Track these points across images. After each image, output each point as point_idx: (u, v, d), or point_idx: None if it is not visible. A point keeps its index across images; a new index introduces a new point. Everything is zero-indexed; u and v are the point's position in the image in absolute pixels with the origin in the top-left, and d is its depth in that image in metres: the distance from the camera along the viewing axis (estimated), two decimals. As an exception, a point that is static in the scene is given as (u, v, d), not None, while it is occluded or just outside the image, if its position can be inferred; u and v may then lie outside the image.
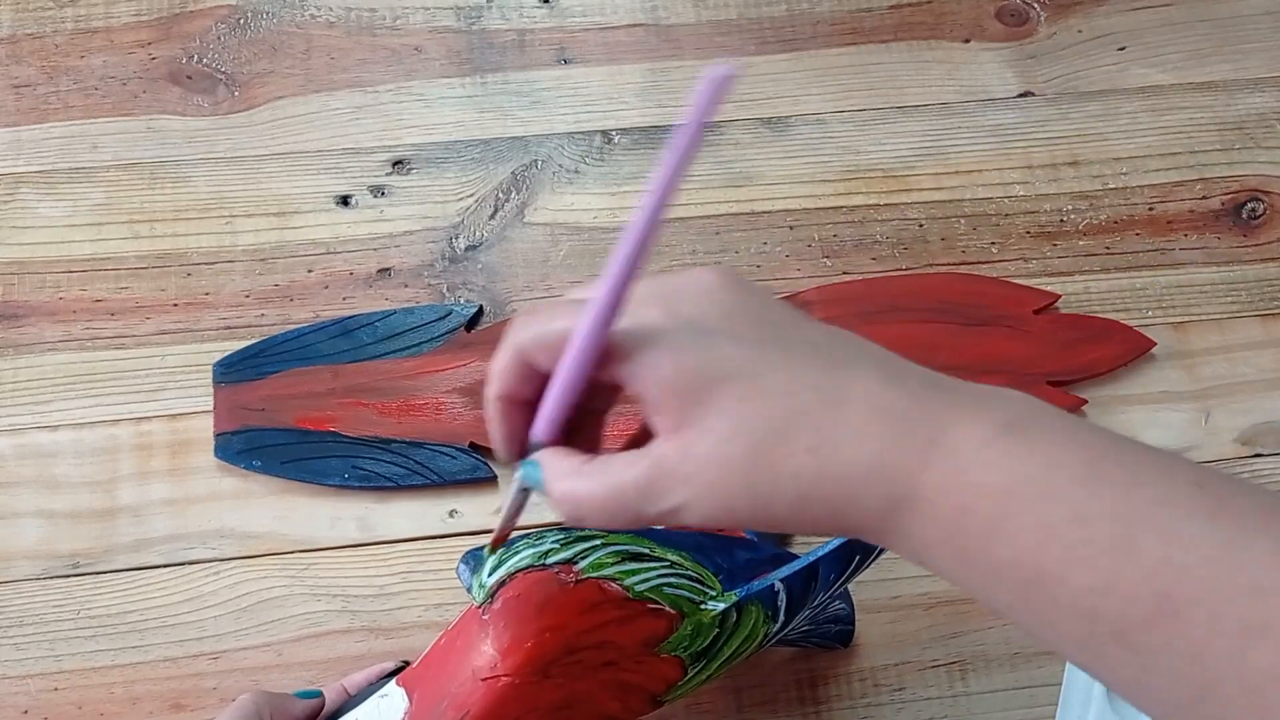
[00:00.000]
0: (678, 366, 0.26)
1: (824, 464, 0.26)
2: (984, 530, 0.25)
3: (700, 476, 0.26)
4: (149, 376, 0.51)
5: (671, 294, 0.28)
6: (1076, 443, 0.25)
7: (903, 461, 0.26)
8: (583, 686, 0.35)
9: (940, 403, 0.26)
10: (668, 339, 0.26)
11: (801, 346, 0.27)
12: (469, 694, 0.34)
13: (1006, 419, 0.26)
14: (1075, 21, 0.59)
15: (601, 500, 0.27)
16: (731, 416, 0.26)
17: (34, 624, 0.46)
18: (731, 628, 0.37)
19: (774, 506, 0.26)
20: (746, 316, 0.28)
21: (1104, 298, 0.53)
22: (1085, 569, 0.24)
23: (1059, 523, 0.24)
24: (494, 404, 0.29)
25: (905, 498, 0.26)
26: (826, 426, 0.26)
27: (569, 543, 0.36)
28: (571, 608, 0.34)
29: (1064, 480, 0.24)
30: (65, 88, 0.57)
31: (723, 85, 0.24)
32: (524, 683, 0.34)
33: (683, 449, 0.26)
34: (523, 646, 0.34)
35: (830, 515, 0.26)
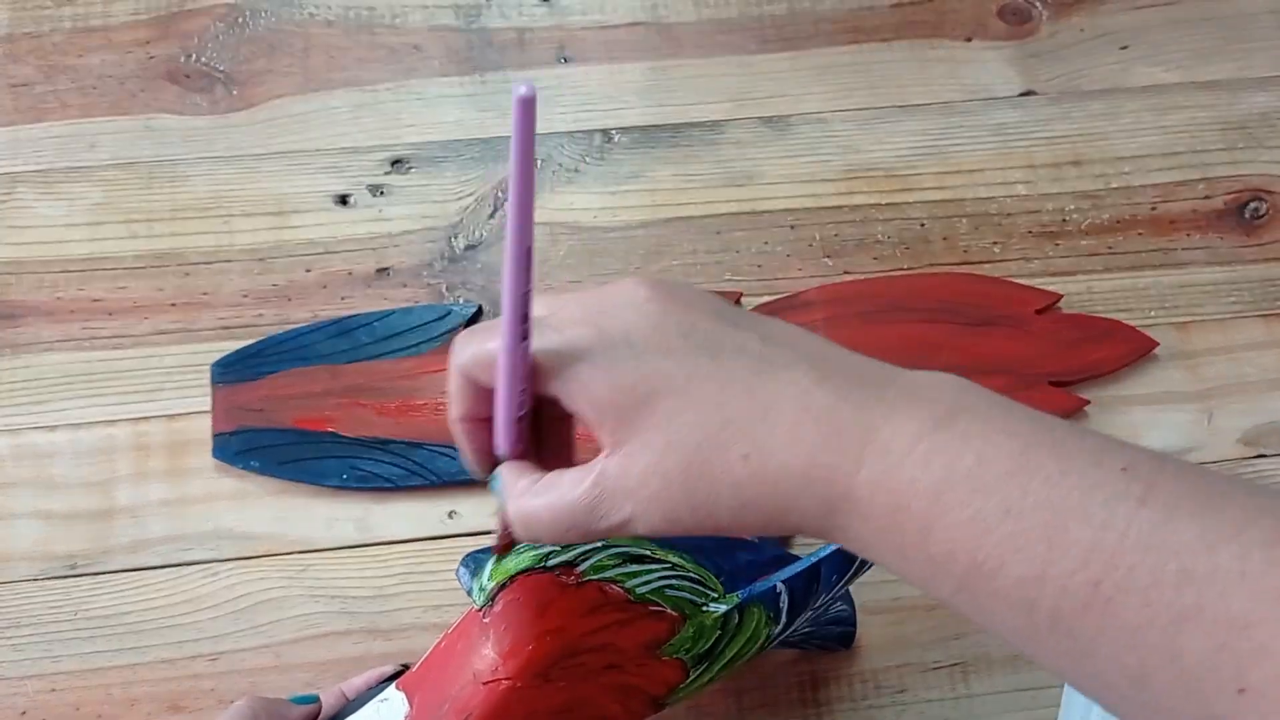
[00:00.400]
0: (610, 384, 0.27)
1: (759, 470, 0.26)
2: (919, 527, 0.25)
3: (642, 490, 0.27)
4: (147, 377, 0.50)
5: (601, 310, 0.28)
6: (1007, 433, 0.25)
7: (836, 463, 0.26)
8: (584, 690, 0.35)
9: (871, 400, 0.26)
10: (598, 357, 0.27)
11: (731, 353, 0.27)
12: (470, 697, 0.34)
13: (937, 413, 0.26)
14: (1078, 20, 0.59)
15: (550, 518, 0.28)
16: (665, 430, 0.27)
17: (31, 625, 0.46)
18: (733, 630, 0.37)
19: (716, 514, 0.27)
20: (676, 327, 0.28)
21: (1106, 298, 0.53)
22: (1019, 560, 0.24)
23: (991, 516, 0.24)
24: (457, 425, 0.30)
25: (841, 498, 0.26)
26: (759, 433, 0.26)
27: (569, 545, 0.36)
28: (573, 611, 0.34)
29: (994, 473, 0.25)
30: (63, 87, 0.57)
31: (529, 106, 0.24)
32: (525, 686, 0.34)
33: (623, 464, 0.27)
34: (524, 650, 0.34)
35: (771, 519, 0.27)
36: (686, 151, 0.56)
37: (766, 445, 0.26)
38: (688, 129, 0.56)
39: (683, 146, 0.56)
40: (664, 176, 0.55)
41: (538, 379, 0.28)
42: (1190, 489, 0.24)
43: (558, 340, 0.28)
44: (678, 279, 0.28)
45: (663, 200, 0.55)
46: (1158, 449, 0.48)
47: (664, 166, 0.55)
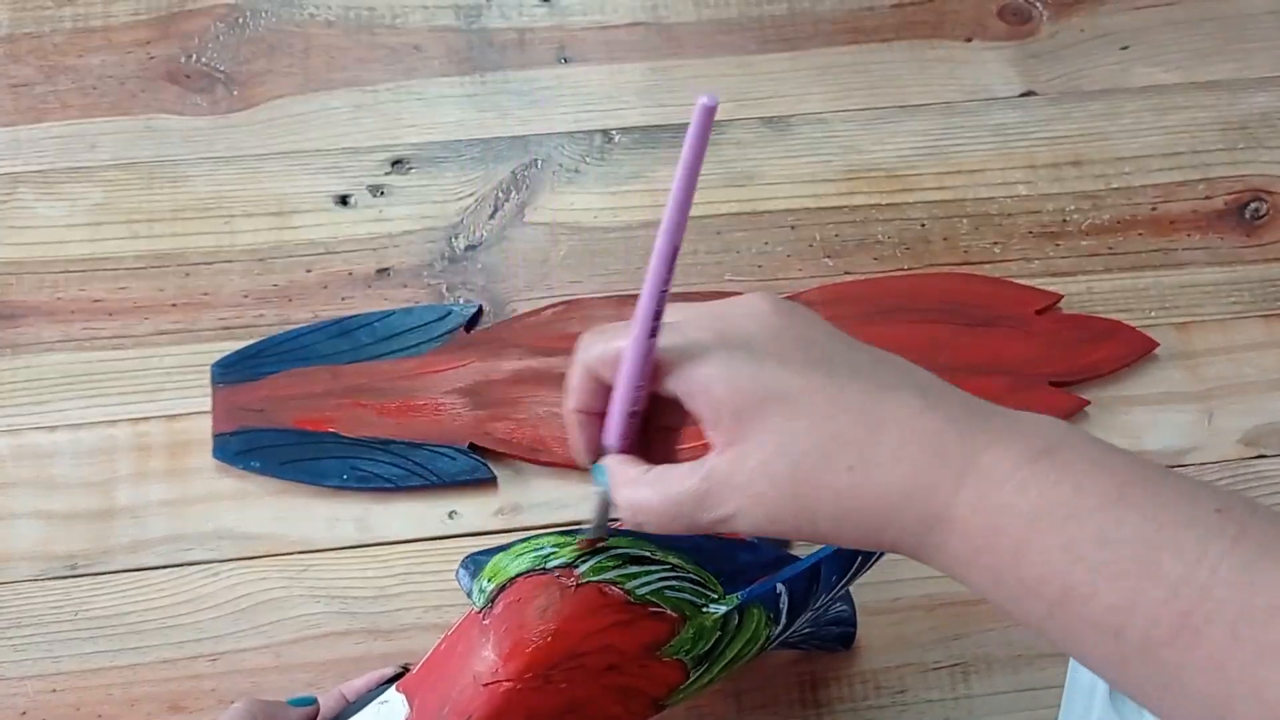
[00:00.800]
0: (730, 386, 0.28)
1: (862, 483, 0.28)
2: (1014, 549, 0.26)
3: (749, 488, 0.28)
4: (147, 377, 0.51)
5: (723, 318, 0.30)
6: (1104, 468, 0.26)
7: (938, 483, 0.27)
8: (584, 691, 0.35)
9: (976, 428, 0.28)
10: (719, 360, 0.29)
11: (846, 370, 0.29)
12: (470, 699, 0.34)
13: (1038, 445, 0.27)
14: (1078, 20, 0.59)
15: (660, 507, 0.30)
16: (778, 434, 0.28)
17: (32, 625, 0.46)
18: (733, 631, 0.37)
19: (816, 520, 0.28)
20: (794, 340, 0.30)
21: (1107, 298, 0.53)
22: (1111, 588, 0.25)
23: (1085, 543, 0.25)
24: (570, 416, 0.32)
25: (940, 517, 0.27)
26: (866, 448, 0.28)
27: (569, 547, 0.36)
28: (573, 612, 0.34)
29: (1091, 504, 0.26)
30: (63, 87, 0.57)
31: (709, 114, 0.26)
32: (525, 688, 0.34)
33: (733, 462, 0.29)
34: (524, 651, 0.34)
35: (867, 532, 0.28)
36: (687, 152, 0.56)
37: (872, 460, 0.28)
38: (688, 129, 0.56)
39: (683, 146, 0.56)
40: (665, 177, 0.55)
41: (658, 376, 0.30)
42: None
43: (681, 340, 0.29)
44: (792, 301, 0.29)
45: (663, 200, 0.54)
46: (1154, 448, 0.48)
47: (664, 167, 0.55)
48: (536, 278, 0.53)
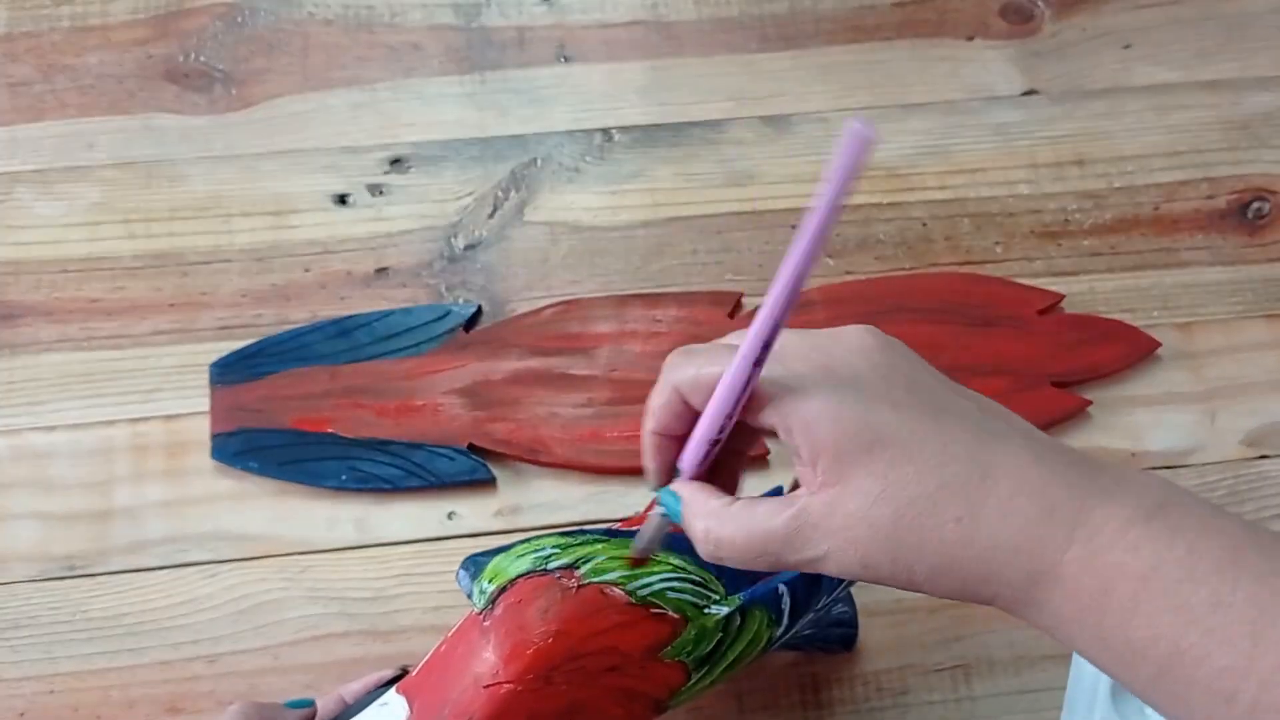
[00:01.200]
0: (835, 426, 0.28)
1: (970, 536, 0.27)
2: (1124, 609, 0.26)
3: (845, 532, 0.28)
4: (145, 377, 0.50)
5: (829, 352, 0.29)
6: (1216, 530, 0.26)
7: (1046, 539, 0.27)
8: (586, 693, 0.34)
9: (1085, 483, 0.27)
10: (825, 396, 0.28)
11: (953, 416, 0.28)
12: (470, 701, 0.33)
13: (1150, 503, 0.27)
14: (1080, 19, 0.59)
15: (744, 544, 0.29)
16: (883, 480, 0.27)
17: (30, 626, 0.46)
18: (735, 632, 0.37)
19: (915, 570, 0.28)
20: (902, 381, 0.29)
21: (1109, 298, 0.53)
22: (1224, 652, 0.25)
23: (1198, 606, 0.25)
24: (649, 437, 0.31)
25: (1046, 574, 0.27)
26: (975, 499, 0.27)
27: (570, 548, 0.36)
28: (574, 613, 0.34)
29: (1204, 566, 0.25)
30: (61, 86, 0.56)
31: (863, 145, 0.24)
32: (526, 690, 0.33)
33: (831, 504, 0.28)
34: (525, 653, 0.33)
35: (968, 585, 0.28)
36: (687, 151, 0.55)
37: (981, 512, 0.27)
38: (688, 128, 0.56)
39: (683, 146, 0.56)
40: (664, 176, 0.55)
41: (753, 407, 0.29)
42: None
43: (782, 372, 0.29)
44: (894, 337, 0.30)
45: (663, 199, 0.54)
46: (1156, 449, 0.48)
47: (665, 166, 0.55)
48: (536, 277, 0.53)
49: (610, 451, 0.48)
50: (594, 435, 0.49)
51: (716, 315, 0.51)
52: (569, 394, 0.49)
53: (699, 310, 0.51)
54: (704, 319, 0.51)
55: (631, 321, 0.51)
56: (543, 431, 0.49)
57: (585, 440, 0.49)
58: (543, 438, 0.49)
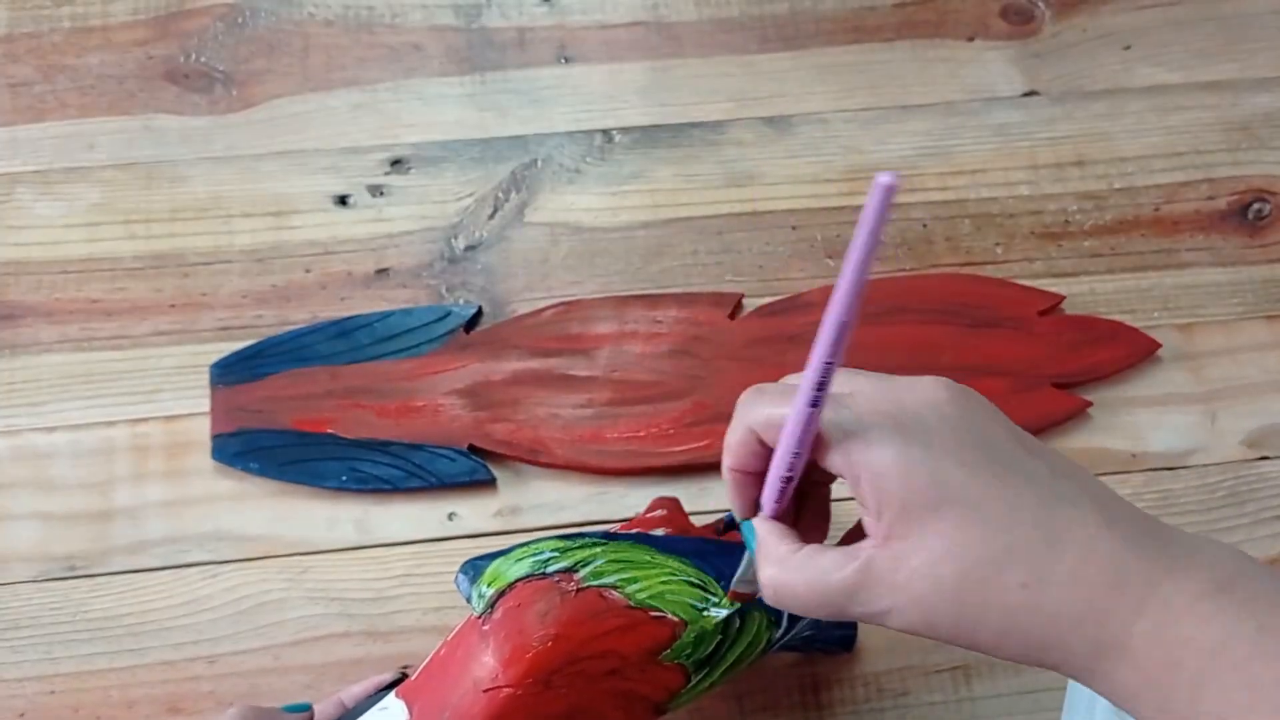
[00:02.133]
0: (902, 480, 0.27)
1: (1036, 601, 0.27)
2: (1191, 684, 0.26)
3: (910, 589, 0.27)
4: (146, 378, 0.50)
5: (899, 401, 0.29)
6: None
7: (1114, 609, 0.26)
8: (585, 696, 0.35)
9: (1155, 553, 0.27)
10: (894, 448, 0.28)
11: (1024, 478, 0.28)
12: (470, 705, 0.34)
13: (1220, 576, 0.26)
14: (1080, 20, 0.59)
15: (805, 594, 0.29)
16: (949, 540, 0.27)
17: (30, 627, 0.46)
18: (734, 634, 0.37)
19: (977, 632, 0.27)
20: (972, 438, 0.28)
21: (1109, 299, 0.53)
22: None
23: (1269, 684, 0.25)
24: (728, 474, 0.31)
25: (1114, 644, 0.26)
26: (1042, 564, 0.27)
27: (569, 551, 0.36)
28: (573, 617, 0.34)
29: (1274, 643, 0.25)
30: (62, 86, 0.56)
31: (889, 193, 0.24)
32: (526, 693, 0.33)
33: (895, 559, 0.28)
34: (524, 657, 0.33)
35: (1031, 650, 0.27)
36: (687, 151, 0.55)
37: (1048, 578, 0.27)
38: (689, 129, 0.56)
39: (684, 146, 0.56)
40: (665, 176, 0.55)
41: (822, 450, 0.29)
42: None
43: (851, 419, 0.28)
44: (969, 389, 0.29)
45: (664, 200, 0.54)
46: (1157, 450, 0.48)
47: (665, 166, 0.55)
48: (536, 278, 0.53)
49: (611, 452, 0.48)
50: (594, 436, 0.49)
51: (717, 316, 0.51)
52: (569, 395, 0.49)
53: (699, 311, 0.51)
54: (704, 320, 0.51)
55: (632, 322, 0.51)
56: (543, 432, 0.49)
57: (585, 441, 0.49)
58: (543, 439, 0.49)
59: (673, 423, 0.49)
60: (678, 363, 0.50)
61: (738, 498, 0.32)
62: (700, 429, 0.49)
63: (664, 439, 0.48)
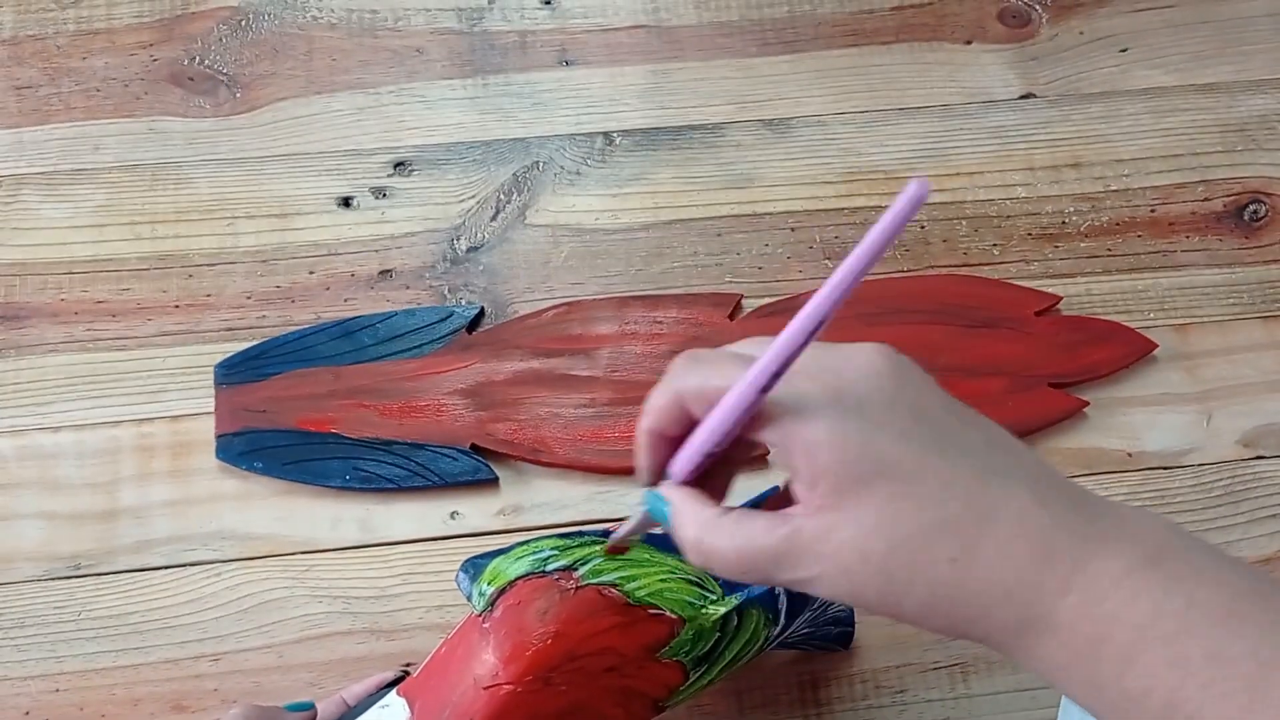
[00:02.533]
0: (836, 453, 0.27)
1: (963, 576, 0.27)
2: (1119, 659, 0.25)
3: (837, 559, 0.27)
4: (150, 378, 0.51)
5: (836, 371, 0.28)
6: (1216, 580, 0.26)
7: (1041, 585, 0.26)
8: (585, 693, 0.35)
9: (1084, 528, 0.27)
10: (830, 421, 0.27)
11: (958, 449, 0.28)
12: (471, 703, 0.34)
13: (1149, 551, 0.26)
14: (1077, 23, 0.59)
15: (734, 558, 0.28)
16: (880, 513, 0.27)
17: (36, 625, 0.46)
18: (732, 632, 0.37)
19: (903, 604, 0.27)
20: (909, 410, 0.28)
21: (1106, 300, 0.53)
22: (1219, 705, 0.24)
23: (1195, 659, 0.25)
24: (643, 435, 0.30)
25: (1040, 620, 0.26)
26: (971, 540, 0.27)
27: (568, 549, 0.36)
28: (572, 614, 0.34)
29: (1202, 617, 0.25)
30: (67, 89, 0.57)
31: (917, 200, 0.24)
32: (526, 691, 0.34)
33: (825, 529, 0.27)
34: (524, 654, 0.34)
35: (956, 624, 0.27)
36: (687, 154, 0.56)
37: (976, 553, 0.26)
38: (689, 131, 0.56)
39: (684, 149, 0.56)
40: (665, 179, 0.55)
41: (755, 424, 0.28)
42: None
43: (788, 391, 0.28)
44: (907, 358, 0.28)
45: (664, 202, 0.55)
46: (1153, 449, 0.48)
47: (665, 169, 0.56)
48: (538, 279, 0.53)
49: (611, 451, 0.49)
50: (595, 435, 0.49)
51: (717, 316, 0.52)
52: (571, 395, 0.50)
53: (699, 312, 0.52)
54: (704, 320, 0.52)
55: (632, 323, 0.52)
56: (545, 432, 0.49)
57: (587, 440, 0.49)
58: (545, 438, 0.49)
59: (673, 422, 0.49)
60: (678, 363, 0.51)
61: (648, 460, 0.31)
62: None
63: (664, 438, 0.49)
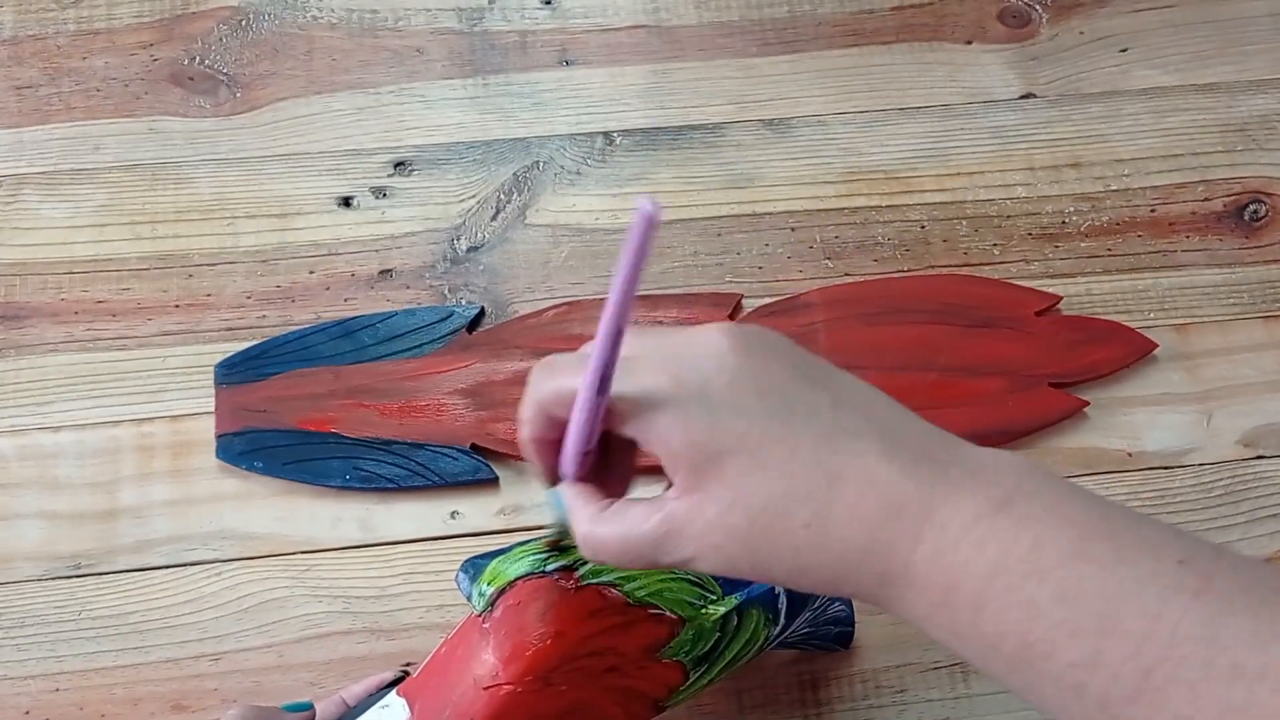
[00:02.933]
0: (685, 439, 0.28)
1: (819, 539, 0.27)
2: (972, 606, 0.26)
3: (706, 538, 0.28)
4: (151, 378, 0.51)
5: (680, 357, 0.29)
6: (1065, 519, 0.26)
7: (895, 539, 0.27)
8: (585, 693, 0.35)
9: (935, 478, 0.27)
10: (674, 408, 0.28)
11: (803, 417, 0.28)
12: (471, 703, 0.34)
13: (998, 495, 0.27)
14: (1077, 23, 0.59)
15: (617, 547, 0.30)
16: (734, 488, 0.28)
17: (36, 625, 0.46)
18: (732, 632, 0.37)
19: (774, 571, 0.28)
20: (754, 384, 0.29)
21: (1106, 299, 0.53)
22: (1071, 646, 0.25)
23: (1044, 601, 0.25)
24: (526, 444, 0.32)
25: (897, 574, 0.27)
26: (822, 504, 0.27)
27: (568, 550, 0.36)
28: (572, 614, 0.34)
29: (1050, 559, 0.25)
30: (67, 89, 0.57)
31: (649, 220, 0.25)
32: (526, 691, 0.34)
33: (692, 510, 0.28)
34: (524, 655, 0.34)
35: (826, 583, 0.28)
36: (687, 154, 0.56)
37: (829, 516, 0.27)
38: (689, 131, 0.56)
39: (684, 149, 0.56)
40: (665, 179, 0.55)
41: (613, 419, 0.29)
42: (1246, 585, 0.24)
43: (635, 387, 0.29)
44: (756, 328, 0.29)
45: (664, 202, 0.55)
46: (1153, 449, 0.48)
47: (665, 169, 0.56)
48: (538, 279, 0.53)
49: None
50: (595, 435, 0.49)
51: (717, 316, 0.52)
52: (570, 395, 0.50)
53: (699, 311, 0.52)
54: (704, 320, 0.52)
55: (633, 323, 0.51)
56: (544, 432, 0.49)
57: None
58: (544, 438, 0.49)
59: (673, 422, 0.49)
60: (678, 363, 0.51)
61: (539, 464, 0.32)
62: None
63: (664, 438, 0.49)
